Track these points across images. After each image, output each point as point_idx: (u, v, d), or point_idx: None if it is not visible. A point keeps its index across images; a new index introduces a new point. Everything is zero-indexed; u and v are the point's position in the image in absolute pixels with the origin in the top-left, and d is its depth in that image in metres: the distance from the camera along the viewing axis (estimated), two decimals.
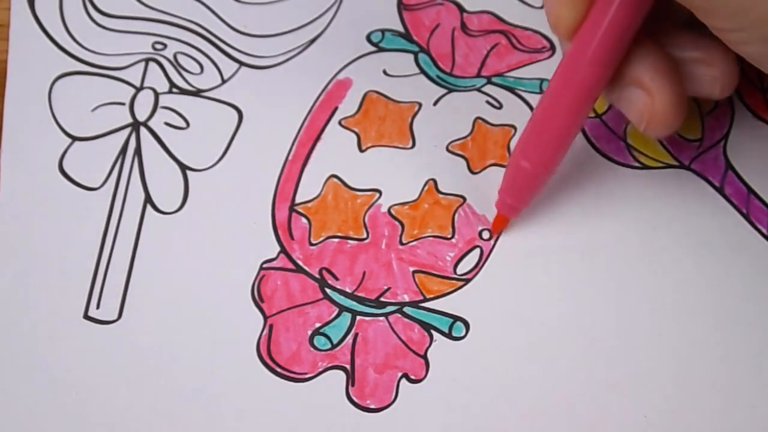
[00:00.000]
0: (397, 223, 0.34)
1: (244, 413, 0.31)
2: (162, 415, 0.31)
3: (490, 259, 0.33)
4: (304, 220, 0.34)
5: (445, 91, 0.35)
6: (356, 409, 0.31)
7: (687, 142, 0.35)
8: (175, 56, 0.36)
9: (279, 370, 0.32)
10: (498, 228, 0.33)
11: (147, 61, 0.36)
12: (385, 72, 0.36)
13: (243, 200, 0.34)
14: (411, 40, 0.36)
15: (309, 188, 0.34)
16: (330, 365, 0.32)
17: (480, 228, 0.34)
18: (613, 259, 0.33)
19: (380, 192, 0.34)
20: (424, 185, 0.34)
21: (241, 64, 0.36)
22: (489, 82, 0.36)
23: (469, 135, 0.35)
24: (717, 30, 0.27)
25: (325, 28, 0.36)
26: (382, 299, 0.33)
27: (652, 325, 0.32)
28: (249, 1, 0.37)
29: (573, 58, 0.29)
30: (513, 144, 0.35)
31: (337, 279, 0.33)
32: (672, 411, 0.31)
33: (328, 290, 0.33)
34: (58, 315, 0.32)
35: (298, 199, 0.34)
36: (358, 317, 0.32)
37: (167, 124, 0.35)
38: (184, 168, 0.34)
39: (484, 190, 0.34)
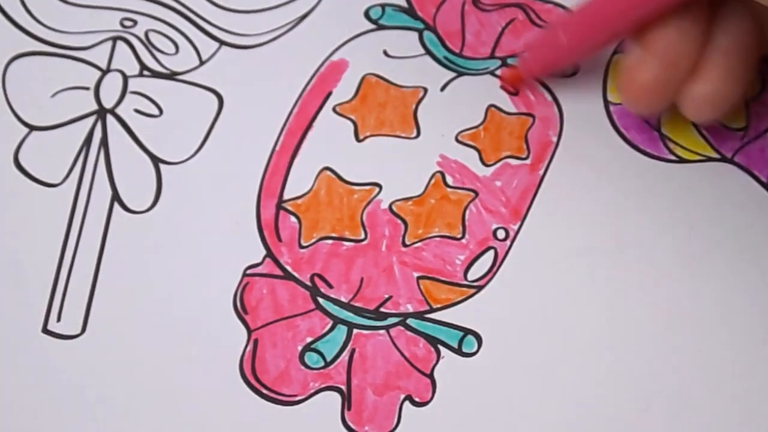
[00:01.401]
0: (399, 221, 0.33)
1: None
2: None
3: (505, 262, 0.32)
4: (293, 219, 0.33)
5: (454, 74, 0.35)
6: None
7: (730, 131, 0.34)
8: (146, 34, 0.35)
9: (265, 391, 0.31)
10: (508, 77, 0.34)
11: (114, 39, 0.35)
12: (385, 52, 0.35)
13: (224, 197, 0.33)
14: (415, 16, 0.35)
15: (299, 183, 0.33)
16: (323, 386, 0.31)
17: (494, 226, 0.33)
18: (645, 263, 0.32)
19: (380, 186, 0.33)
20: (431, 178, 0.33)
21: (222, 43, 0.35)
22: (504, 64, 0.35)
23: (482, 124, 0.34)
24: None
25: (318, 3, 0.36)
26: (382, 310, 0.32)
27: (688, 337, 0.31)
28: None
29: None
30: (530, 135, 0.34)
31: (331, 287, 0.32)
32: None
33: (320, 300, 0.32)
34: (14, 328, 0.32)
35: (286, 195, 0.33)
36: (355, 330, 0.32)
37: (137, 111, 0.34)
38: (156, 161, 0.34)
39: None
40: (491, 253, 0.32)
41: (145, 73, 0.35)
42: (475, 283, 0.32)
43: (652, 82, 0.31)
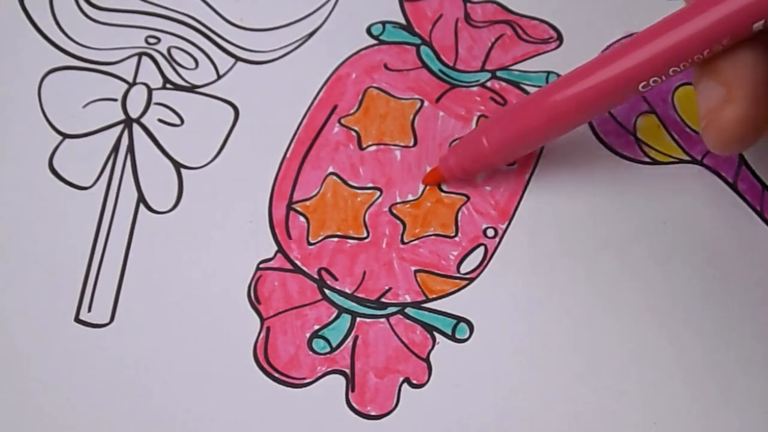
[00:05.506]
0: (398, 221, 0.33)
1: (240, 420, 0.31)
2: (155, 422, 0.31)
3: (494, 257, 0.33)
4: (302, 218, 0.33)
5: (447, 86, 0.35)
6: (356, 416, 0.31)
7: (699, 135, 0.34)
8: (168, 50, 0.35)
9: (276, 374, 0.31)
10: (429, 180, 0.33)
11: (140, 55, 0.35)
12: (386, 66, 0.35)
13: (239, 199, 0.34)
14: (413, 33, 0.36)
15: (307, 186, 0.34)
16: (329, 369, 0.31)
17: (484, 225, 0.33)
18: (622, 258, 0.33)
19: (381, 191, 0.34)
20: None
21: (237, 58, 0.35)
22: (493, 76, 0.35)
23: None
24: None
25: (324, 21, 0.36)
26: (382, 300, 0.32)
27: (662, 327, 0.32)
28: None
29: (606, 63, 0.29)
30: None
31: (336, 279, 0.32)
32: (682, 418, 0.31)
33: (327, 291, 0.32)
34: (48, 318, 0.32)
35: (296, 198, 0.34)
36: (358, 319, 0.32)
37: (161, 120, 0.35)
38: (178, 166, 0.34)
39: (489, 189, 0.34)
40: (481, 249, 0.33)
41: (168, 86, 0.35)
42: (467, 276, 0.32)
43: (743, 120, 0.27)
